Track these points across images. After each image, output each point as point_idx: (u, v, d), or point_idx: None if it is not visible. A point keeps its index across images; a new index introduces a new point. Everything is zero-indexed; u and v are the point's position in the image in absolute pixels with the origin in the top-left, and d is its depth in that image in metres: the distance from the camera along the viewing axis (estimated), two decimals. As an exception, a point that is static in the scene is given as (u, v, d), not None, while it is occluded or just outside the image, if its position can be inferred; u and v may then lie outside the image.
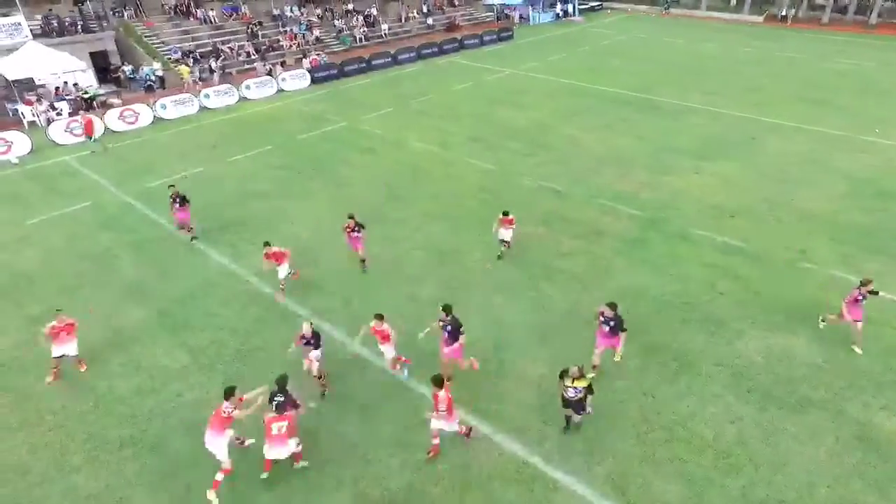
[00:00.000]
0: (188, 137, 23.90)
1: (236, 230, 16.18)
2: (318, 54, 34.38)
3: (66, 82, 27.40)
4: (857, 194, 17.36)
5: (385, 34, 41.56)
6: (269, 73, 30.67)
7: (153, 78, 29.19)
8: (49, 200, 18.27)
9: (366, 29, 40.79)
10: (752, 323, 11.90)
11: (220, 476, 8.51)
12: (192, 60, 31.75)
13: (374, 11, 42.74)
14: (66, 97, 26.63)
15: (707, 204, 16.91)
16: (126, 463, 9.23)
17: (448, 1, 49.30)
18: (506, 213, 13.75)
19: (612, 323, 9.91)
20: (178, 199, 15.14)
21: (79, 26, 30.54)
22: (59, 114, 25.21)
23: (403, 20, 44.23)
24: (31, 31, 28.35)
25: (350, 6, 42.44)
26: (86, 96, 26.92)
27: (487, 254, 14.36)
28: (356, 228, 13.35)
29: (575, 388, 8.73)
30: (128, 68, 30.85)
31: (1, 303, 13.31)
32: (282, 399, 8.54)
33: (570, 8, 51.96)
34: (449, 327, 9.87)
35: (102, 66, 31.19)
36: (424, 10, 46.03)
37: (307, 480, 8.76)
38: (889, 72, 31.49)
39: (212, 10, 36.16)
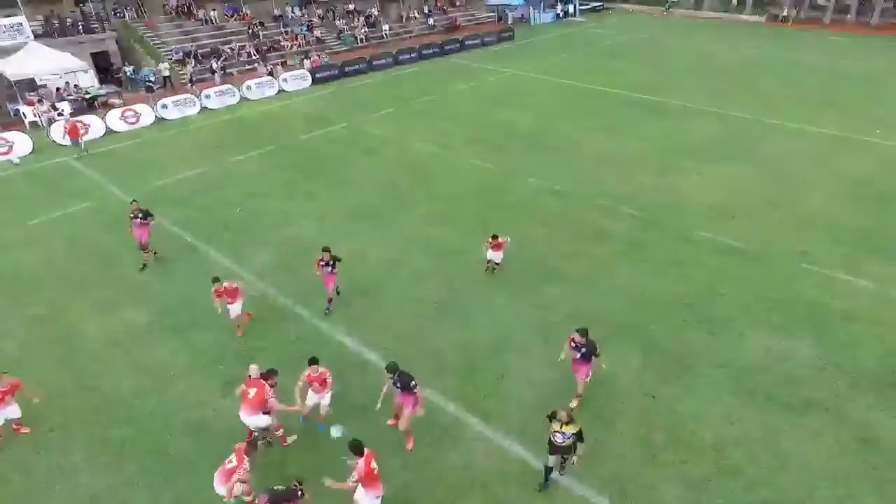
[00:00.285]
0: (189, 138, 23.93)
1: (237, 230, 16.21)
2: (319, 55, 34.42)
3: (67, 82, 27.49)
4: (859, 195, 17.33)
5: (386, 35, 41.58)
6: (271, 74, 30.68)
7: (152, 78, 29.23)
8: (50, 201, 18.29)
9: (367, 29, 40.81)
10: (753, 324, 11.89)
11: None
12: (193, 61, 31.80)
13: (375, 12, 42.79)
14: (68, 97, 26.69)
15: (708, 205, 16.90)
16: (127, 463, 9.25)
17: (449, 1, 49.31)
18: (494, 237, 13.29)
19: (583, 350, 9.40)
20: (139, 215, 13.81)
21: (80, 27, 30.60)
22: (60, 114, 25.23)
23: (404, 21, 44.27)
24: (32, 31, 28.40)
25: (351, 6, 42.48)
26: (87, 96, 26.99)
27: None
28: (330, 263, 11.99)
29: (563, 433, 7.95)
30: (129, 69, 30.91)
31: (4, 303, 13.35)
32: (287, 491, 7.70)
33: (571, 8, 51.97)
34: (398, 384, 8.93)
35: (104, 67, 31.27)
36: (425, 10, 46.05)
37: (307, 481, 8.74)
38: (890, 72, 31.41)
39: (213, 10, 36.21)
